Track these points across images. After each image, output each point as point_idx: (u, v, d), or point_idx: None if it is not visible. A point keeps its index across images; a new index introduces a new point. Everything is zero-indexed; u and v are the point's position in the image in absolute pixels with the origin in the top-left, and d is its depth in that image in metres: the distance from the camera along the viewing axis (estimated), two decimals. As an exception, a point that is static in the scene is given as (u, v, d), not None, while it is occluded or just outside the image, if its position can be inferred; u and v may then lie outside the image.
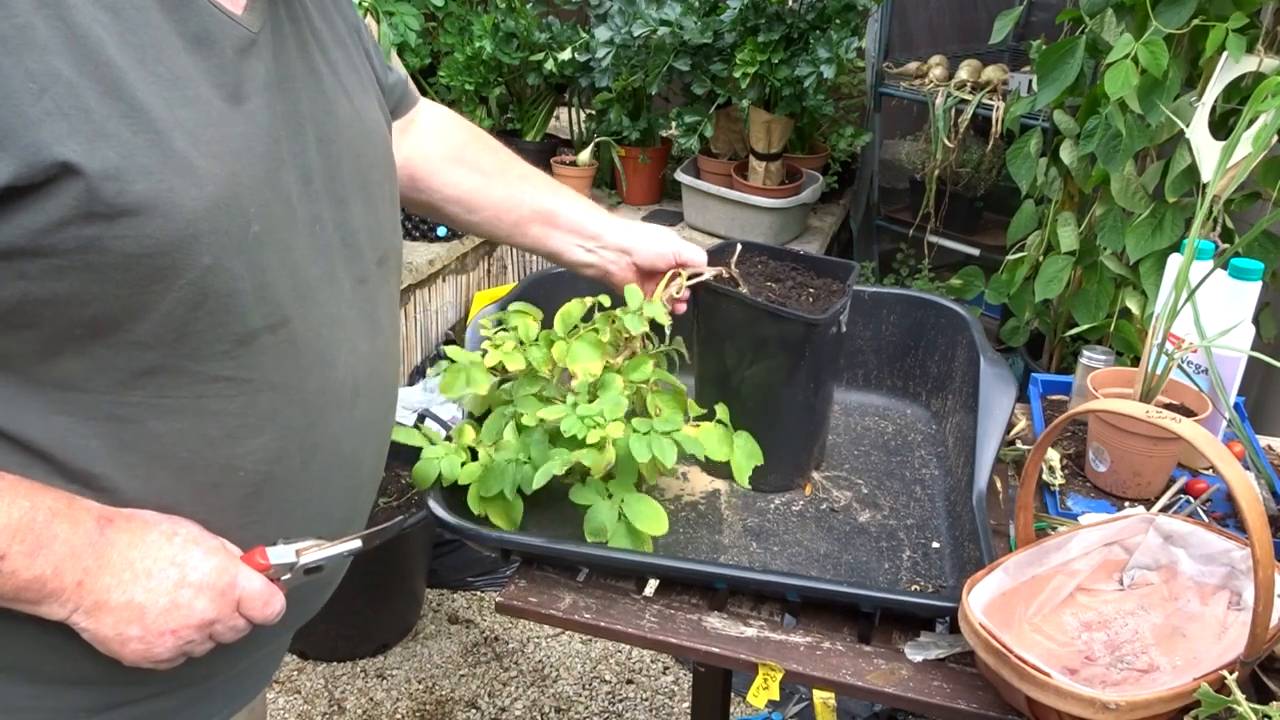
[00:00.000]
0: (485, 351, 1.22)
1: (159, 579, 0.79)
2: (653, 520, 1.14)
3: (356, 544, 0.93)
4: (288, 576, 0.87)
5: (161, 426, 0.79)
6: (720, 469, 1.33)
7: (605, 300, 1.26)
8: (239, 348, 0.79)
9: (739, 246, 1.33)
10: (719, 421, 1.21)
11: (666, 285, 1.24)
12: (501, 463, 1.16)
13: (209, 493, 0.83)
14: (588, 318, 1.25)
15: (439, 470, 1.15)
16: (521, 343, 1.23)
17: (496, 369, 1.22)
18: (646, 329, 1.21)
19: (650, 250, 1.26)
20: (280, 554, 0.86)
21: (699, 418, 1.23)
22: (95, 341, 0.74)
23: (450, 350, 1.23)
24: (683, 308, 1.28)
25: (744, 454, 1.22)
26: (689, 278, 1.25)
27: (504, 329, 1.26)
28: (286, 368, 0.83)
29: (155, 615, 0.79)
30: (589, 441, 1.11)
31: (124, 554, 0.78)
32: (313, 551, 0.89)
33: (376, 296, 0.96)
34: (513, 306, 1.29)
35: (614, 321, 1.22)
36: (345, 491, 0.95)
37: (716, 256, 1.31)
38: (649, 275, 1.29)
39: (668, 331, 1.29)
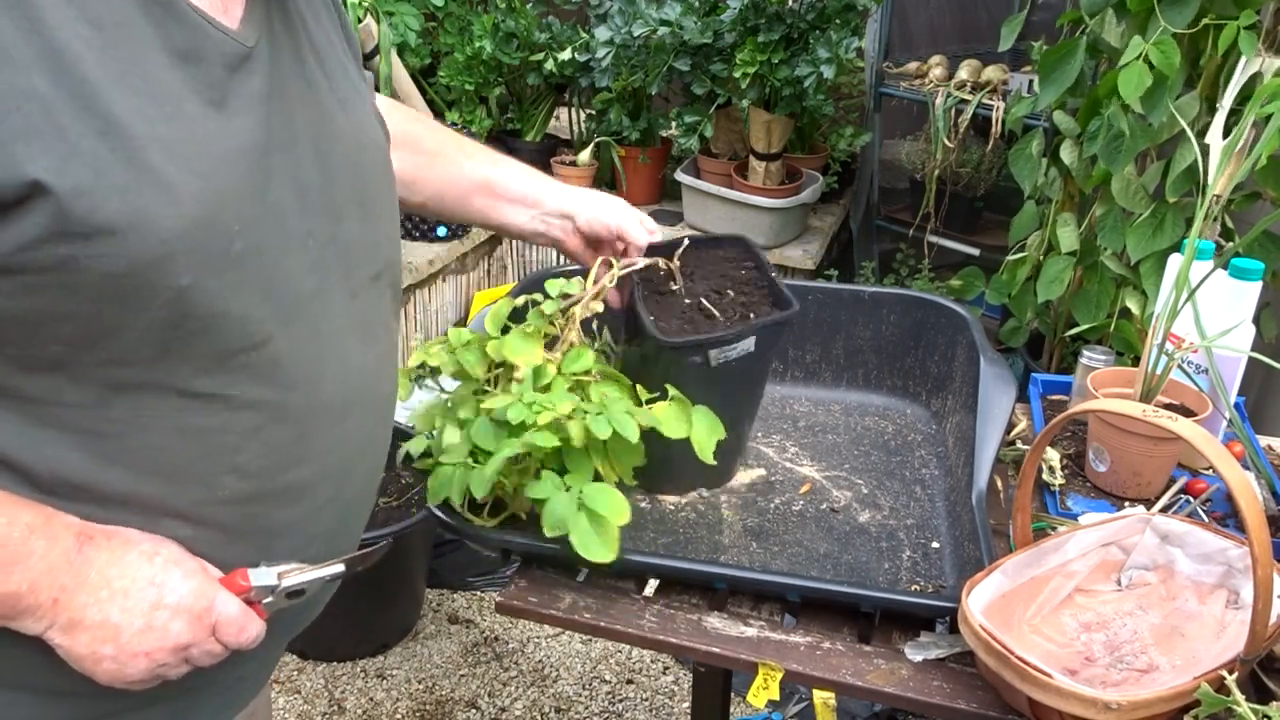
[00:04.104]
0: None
1: (135, 599, 0.78)
2: (615, 507, 1.07)
3: (339, 568, 0.91)
4: (269, 600, 0.86)
5: (142, 441, 0.77)
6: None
7: (539, 297, 1.22)
8: (218, 365, 0.78)
9: (686, 242, 1.30)
10: (673, 398, 1.15)
11: (597, 275, 1.20)
12: (447, 469, 1.12)
13: (193, 508, 0.82)
14: (521, 319, 1.21)
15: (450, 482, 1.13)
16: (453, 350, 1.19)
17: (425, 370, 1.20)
18: (571, 317, 1.17)
19: (590, 216, 1.24)
20: (261, 576, 0.85)
21: (649, 401, 1.16)
22: (72, 358, 0.73)
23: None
24: (615, 298, 1.25)
25: (705, 429, 1.15)
26: (623, 268, 1.21)
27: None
28: (269, 384, 0.82)
29: (129, 636, 0.78)
30: (541, 423, 1.06)
31: (102, 572, 0.77)
32: (294, 575, 0.87)
33: (373, 309, 0.94)
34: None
35: (542, 314, 1.18)
36: (334, 507, 0.93)
37: (665, 249, 1.27)
38: (597, 244, 1.27)
39: (593, 325, 1.25)
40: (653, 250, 1.27)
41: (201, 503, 0.82)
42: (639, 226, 1.26)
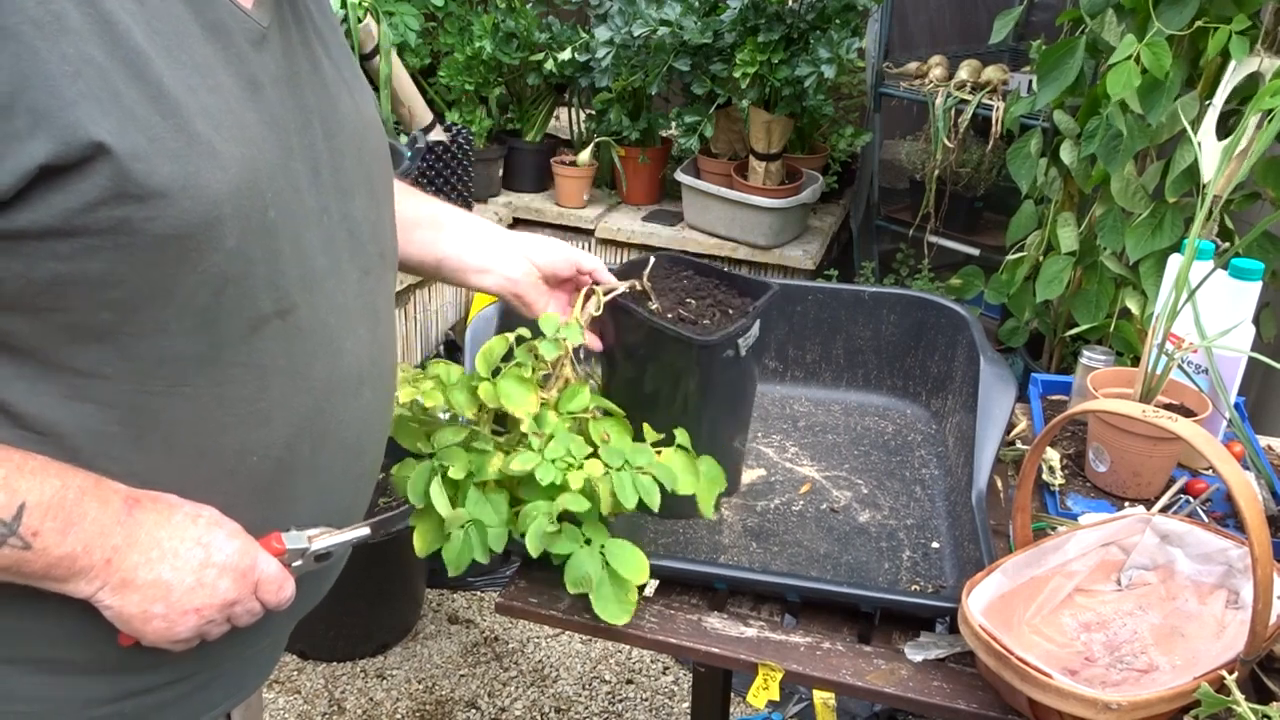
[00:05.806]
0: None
1: (185, 558, 0.81)
2: (637, 567, 1.06)
3: (365, 531, 0.95)
4: (299, 563, 0.90)
5: (180, 413, 0.80)
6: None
7: (526, 333, 1.15)
8: (252, 333, 0.81)
9: (652, 260, 1.25)
10: (679, 447, 1.12)
11: (584, 303, 1.16)
12: (459, 534, 1.09)
13: (224, 479, 0.85)
14: (508, 357, 1.15)
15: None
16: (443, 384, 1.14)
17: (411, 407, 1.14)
18: (566, 354, 1.13)
19: (548, 258, 1.20)
20: (294, 539, 0.89)
21: (654, 443, 1.12)
22: (120, 327, 0.75)
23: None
24: (595, 341, 1.20)
25: (709, 482, 1.13)
26: (605, 293, 1.17)
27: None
28: (296, 355, 0.85)
29: (180, 594, 0.81)
30: (573, 486, 1.03)
31: (151, 533, 0.80)
32: (324, 538, 0.91)
33: (378, 288, 0.97)
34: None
35: (535, 353, 1.12)
36: (350, 478, 0.97)
37: (631, 270, 1.23)
38: (554, 286, 1.22)
39: (583, 355, 1.20)
40: (616, 276, 1.22)
41: (231, 473, 0.85)
42: (591, 256, 1.22)
